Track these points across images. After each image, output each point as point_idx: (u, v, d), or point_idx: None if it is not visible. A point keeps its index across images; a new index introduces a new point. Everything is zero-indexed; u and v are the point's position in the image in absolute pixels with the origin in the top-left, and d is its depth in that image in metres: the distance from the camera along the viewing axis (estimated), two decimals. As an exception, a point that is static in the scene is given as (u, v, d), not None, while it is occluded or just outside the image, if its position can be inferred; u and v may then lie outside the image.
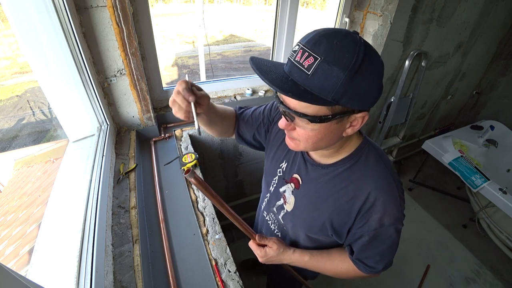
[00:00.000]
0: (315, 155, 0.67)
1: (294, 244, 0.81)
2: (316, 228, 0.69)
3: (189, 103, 0.57)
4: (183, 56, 8.24)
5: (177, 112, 0.59)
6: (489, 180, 1.87)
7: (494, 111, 2.74)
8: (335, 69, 0.42)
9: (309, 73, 0.43)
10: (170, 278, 0.75)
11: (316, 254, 0.75)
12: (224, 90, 1.58)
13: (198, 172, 1.14)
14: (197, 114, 0.58)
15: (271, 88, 1.55)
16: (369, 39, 1.63)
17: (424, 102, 2.37)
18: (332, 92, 0.43)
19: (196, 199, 1.03)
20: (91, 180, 0.87)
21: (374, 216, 0.59)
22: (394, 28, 1.51)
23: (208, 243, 0.87)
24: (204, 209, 0.99)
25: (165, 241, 0.85)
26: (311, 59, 0.43)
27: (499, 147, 2.39)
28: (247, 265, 1.87)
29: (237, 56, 8.55)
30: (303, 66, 0.44)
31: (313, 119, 0.47)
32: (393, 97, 1.92)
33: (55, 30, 0.85)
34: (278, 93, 0.51)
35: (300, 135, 0.54)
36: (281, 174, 0.76)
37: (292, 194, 0.74)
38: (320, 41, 0.43)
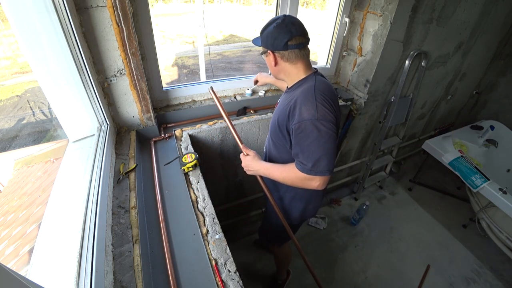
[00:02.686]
0: (288, 87, 1.01)
1: (269, 155, 1.12)
2: (273, 128, 1.02)
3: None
4: (183, 56, 8.24)
5: None
6: (489, 180, 1.87)
7: (494, 111, 2.74)
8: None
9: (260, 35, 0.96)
10: (170, 278, 0.75)
11: (276, 164, 1.01)
12: (224, 90, 1.58)
13: (198, 172, 1.14)
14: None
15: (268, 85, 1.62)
16: (369, 39, 1.63)
17: (424, 102, 2.37)
18: (260, 40, 0.96)
19: (196, 199, 1.03)
20: (91, 180, 0.87)
21: (296, 112, 0.86)
22: (394, 28, 1.51)
23: (208, 243, 0.87)
24: (204, 209, 0.99)
25: (165, 241, 0.85)
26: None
27: (499, 147, 2.39)
28: (260, 242, 2.02)
29: (237, 56, 8.55)
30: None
31: (261, 52, 1.00)
32: (393, 97, 1.92)
33: (55, 30, 0.85)
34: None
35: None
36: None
37: (273, 113, 1.10)
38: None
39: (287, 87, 1.02)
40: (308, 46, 0.94)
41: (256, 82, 1.51)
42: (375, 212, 2.41)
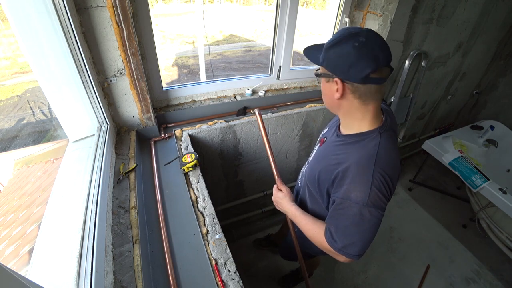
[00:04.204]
0: (342, 127, 0.83)
1: (303, 199, 0.99)
2: (311, 177, 0.86)
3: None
4: (183, 56, 8.24)
5: None
6: (489, 180, 1.87)
7: (494, 111, 2.74)
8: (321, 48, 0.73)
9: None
10: (170, 278, 0.75)
11: (306, 214, 0.88)
12: (224, 90, 1.58)
13: (198, 172, 1.14)
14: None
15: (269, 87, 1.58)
16: (369, 39, 1.62)
17: (424, 102, 2.37)
18: (320, 58, 0.72)
19: (196, 199, 1.03)
20: (91, 180, 0.87)
21: (344, 186, 0.70)
22: (394, 28, 1.51)
23: (208, 243, 0.87)
24: (204, 209, 0.99)
25: (165, 241, 0.85)
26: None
27: (499, 147, 2.39)
28: (259, 241, 1.99)
29: (237, 56, 8.55)
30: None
31: (316, 73, 0.76)
32: (393, 97, 1.92)
33: (55, 30, 0.85)
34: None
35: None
36: (321, 136, 0.99)
37: (316, 150, 0.95)
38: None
39: (340, 129, 0.84)
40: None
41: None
42: (375, 212, 2.40)
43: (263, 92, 1.65)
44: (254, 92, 1.64)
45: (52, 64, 0.91)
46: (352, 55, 0.63)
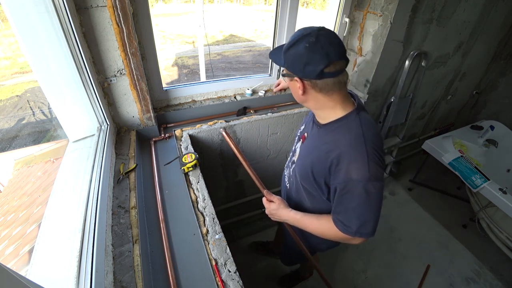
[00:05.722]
0: (318, 118, 0.85)
1: (297, 200, 0.99)
2: (304, 174, 0.86)
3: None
4: (183, 56, 8.24)
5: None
6: (489, 180, 1.87)
7: (494, 111, 2.74)
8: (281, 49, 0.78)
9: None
10: (170, 278, 0.75)
11: (308, 214, 0.88)
12: (224, 90, 1.58)
13: (198, 172, 1.14)
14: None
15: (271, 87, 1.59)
16: (369, 39, 1.63)
17: (424, 102, 2.37)
18: (282, 60, 0.76)
19: (196, 199, 1.03)
20: (91, 180, 0.87)
21: (342, 170, 0.72)
22: (394, 28, 1.51)
23: (208, 243, 0.87)
24: (204, 209, 0.99)
25: (165, 241, 0.85)
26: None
27: (499, 147, 2.38)
28: (256, 246, 1.98)
29: (237, 56, 8.55)
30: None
31: (282, 74, 0.82)
32: (393, 97, 1.92)
33: (55, 30, 0.85)
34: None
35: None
36: (299, 134, 0.98)
37: (300, 147, 0.93)
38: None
39: (318, 120, 0.85)
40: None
41: (278, 85, 1.13)
42: (375, 212, 2.40)
43: (263, 92, 1.65)
44: (254, 92, 1.64)
45: (52, 64, 0.91)
46: (305, 55, 0.68)
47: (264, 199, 0.97)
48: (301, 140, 0.94)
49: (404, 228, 2.28)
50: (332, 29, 1.72)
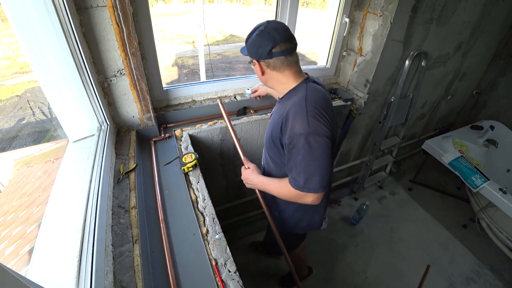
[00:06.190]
0: (279, 95, 0.98)
1: (268, 172, 1.10)
2: (268, 143, 1.00)
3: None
4: (183, 56, 8.24)
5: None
6: (489, 180, 1.87)
7: (494, 111, 2.74)
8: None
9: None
10: (170, 278, 0.75)
11: (273, 179, 1.00)
12: (224, 90, 1.58)
13: (198, 172, 1.14)
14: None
15: None
16: (369, 39, 1.63)
17: (424, 102, 2.37)
18: (246, 49, 0.92)
19: (196, 199, 1.03)
20: (91, 180, 0.87)
21: (288, 126, 0.83)
22: (394, 28, 1.51)
23: (208, 243, 0.87)
24: (204, 209, 0.99)
25: (165, 241, 0.85)
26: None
27: (499, 147, 2.39)
28: (256, 246, 2.00)
29: (237, 56, 8.54)
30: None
31: (248, 62, 0.96)
32: (393, 97, 1.92)
33: (55, 30, 0.85)
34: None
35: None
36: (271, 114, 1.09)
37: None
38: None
39: (279, 97, 0.98)
40: (297, 51, 0.90)
41: (255, 91, 1.44)
42: (375, 212, 2.41)
43: (263, 92, 1.65)
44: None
45: (52, 64, 0.91)
46: (257, 40, 0.85)
47: (242, 167, 1.10)
48: (269, 118, 1.08)
49: (404, 228, 2.28)
50: (332, 29, 1.72)
